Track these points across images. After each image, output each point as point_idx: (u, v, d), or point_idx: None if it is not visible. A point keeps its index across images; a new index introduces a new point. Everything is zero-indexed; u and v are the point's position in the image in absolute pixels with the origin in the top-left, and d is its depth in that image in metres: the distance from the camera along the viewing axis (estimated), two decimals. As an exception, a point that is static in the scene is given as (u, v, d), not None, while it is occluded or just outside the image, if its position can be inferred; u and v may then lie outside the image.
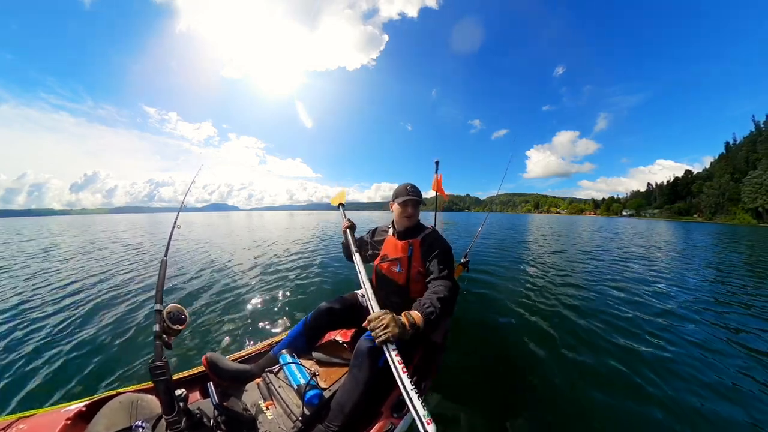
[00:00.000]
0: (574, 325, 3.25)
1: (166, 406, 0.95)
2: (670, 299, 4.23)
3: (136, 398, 1.19)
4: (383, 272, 1.90)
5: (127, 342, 2.79)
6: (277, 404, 1.38)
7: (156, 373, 0.97)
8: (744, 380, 2.27)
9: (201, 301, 3.89)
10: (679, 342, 2.88)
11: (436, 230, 1.91)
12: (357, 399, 1.31)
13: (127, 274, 5.52)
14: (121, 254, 7.94)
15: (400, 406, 1.39)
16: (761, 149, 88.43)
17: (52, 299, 4.07)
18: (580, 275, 5.67)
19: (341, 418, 1.27)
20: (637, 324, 3.30)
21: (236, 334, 2.93)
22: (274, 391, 1.42)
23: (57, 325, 3.17)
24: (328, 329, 1.84)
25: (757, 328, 3.24)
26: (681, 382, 2.25)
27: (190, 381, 1.54)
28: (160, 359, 1.00)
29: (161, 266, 1.31)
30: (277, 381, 1.47)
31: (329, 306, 1.79)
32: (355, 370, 1.38)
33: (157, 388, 0.97)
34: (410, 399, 1.02)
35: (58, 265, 6.55)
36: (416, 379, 1.54)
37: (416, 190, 1.81)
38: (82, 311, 3.58)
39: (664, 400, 2.03)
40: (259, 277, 5.12)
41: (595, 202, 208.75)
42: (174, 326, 1.12)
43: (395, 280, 1.84)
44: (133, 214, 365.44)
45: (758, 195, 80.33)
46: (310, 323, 1.75)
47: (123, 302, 3.87)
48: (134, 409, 1.15)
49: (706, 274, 6.10)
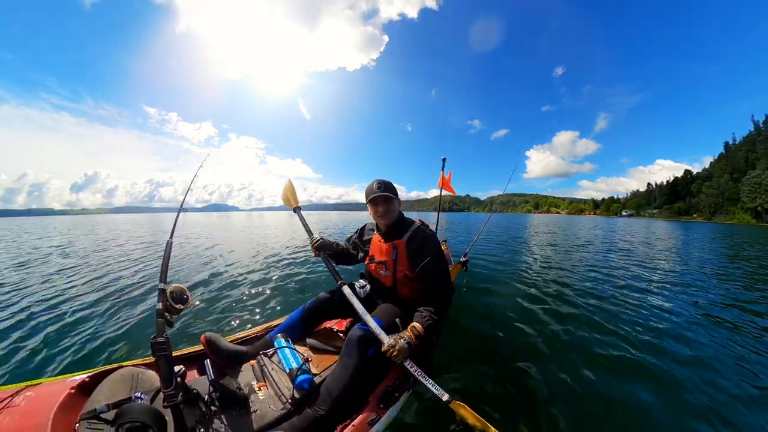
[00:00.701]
0: (569, 322, 3.25)
1: (165, 380, 1.00)
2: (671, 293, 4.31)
3: (137, 372, 1.26)
4: (371, 273, 1.93)
5: (133, 320, 2.95)
6: (269, 386, 1.43)
7: (157, 348, 1.02)
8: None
9: (203, 285, 4.08)
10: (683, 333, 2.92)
11: (423, 225, 1.78)
12: (345, 385, 1.35)
13: (135, 266, 5.72)
14: (132, 249, 8.11)
15: (386, 398, 1.44)
16: (760, 149, 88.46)
17: (76, 287, 4.33)
18: (577, 273, 5.71)
19: (328, 402, 1.31)
20: (628, 314, 3.36)
21: (234, 317, 3.04)
22: (267, 374, 1.48)
23: (73, 306, 3.42)
24: (325, 318, 1.86)
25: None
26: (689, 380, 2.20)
27: (189, 358, 1.61)
28: (161, 335, 1.05)
29: (166, 247, 1.35)
30: (271, 364, 1.53)
31: (328, 296, 1.83)
32: (345, 358, 1.43)
33: (158, 362, 1.02)
34: (432, 386, 1.29)
35: (81, 260, 6.70)
36: (405, 372, 1.56)
37: (384, 185, 1.65)
38: (95, 295, 3.84)
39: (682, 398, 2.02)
40: (260, 268, 5.30)
41: (594, 202, 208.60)
42: (176, 305, 1.17)
43: (382, 281, 1.85)
44: (133, 214, 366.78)
45: (757, 194, 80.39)
46: (307, 310, 1.79)
47: (134, 287, 4.11)
48: (134, 381, 1.21)
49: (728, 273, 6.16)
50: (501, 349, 2.69)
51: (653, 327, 3.08)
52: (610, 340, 2.78)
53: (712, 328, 3.11)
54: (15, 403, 1.05)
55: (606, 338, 2.83)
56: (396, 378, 1.56)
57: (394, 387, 1.49)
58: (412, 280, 1.71)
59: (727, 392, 2.05)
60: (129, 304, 3.44)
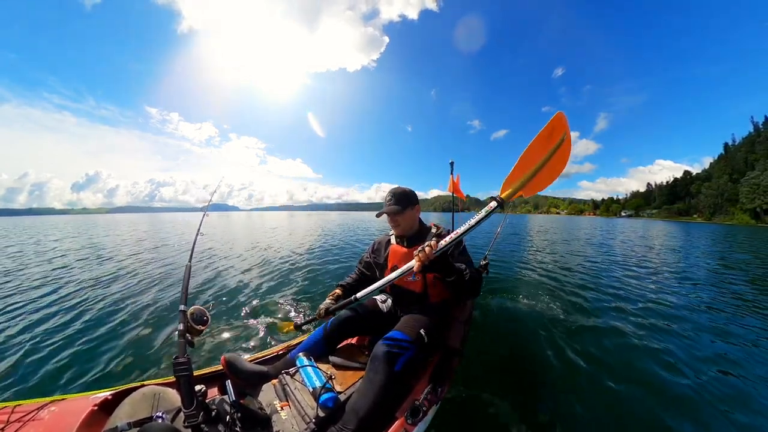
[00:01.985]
0: (588, 324, 3.25)
1: (186, 399, 1.00)
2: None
3: (158, 391, 1.25)
4: (397, 284, 1.83)
5: (155, 340, 2.92)
6: (292, 405, 1.39)
7: (178, 368, 1.02)
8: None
9: (223, 304, 3.95)
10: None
11: (440, 227, 1.84)
12: (372, 403, 1.30)
13: (157, 276, 5.56)
14: (151, 252, 7.99)
15: (415, 412, 1.39)
16: (759, 150, 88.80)
17: (94, 295, 4.28)
18: (589, 275, 5.69)
19: (355, 421, 1.26)
20: (641, 314, 3.33)
21: (254, 336, 2.96)
22: (290, 392, 1.43)
23: (96, 320, 3.38)
24: (348, 336, 1.80)
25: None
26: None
27: (210, 378, 1.57)
28: (183, 356, 1.06)
29: (186, 271, 1.39)
30: (293, 383, 1.48)
31: (350, 314, 1.76)
32: (371, 374, 1.38)
33: (179, 382, 1.02)
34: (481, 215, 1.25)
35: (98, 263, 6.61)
36: (432, 385, 1.54)
37: (395, 197, 1.71)
38: (118, 308, 3.77)
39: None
40: (276, 280, 5.14)
41: (594, 202, 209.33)
42: (197, 326, 1.20)
43: (411, 289, 1.79)
44: (134, 213, 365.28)
45: (756, 195, 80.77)
46: (330, 329, 1.72)
47: (155, 303, 4.01)
48: (156, 400, 1.20)
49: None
50: (521, 352, 2.68)
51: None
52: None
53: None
54: (40, 416, 1.09)
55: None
56: (423, 391, 1.51)
57: (421, 401, 1.44)
58: (441, 280, 1.69)
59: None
60: (153, 323, 3.35)
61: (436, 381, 1.58)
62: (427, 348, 1.59)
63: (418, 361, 1.61)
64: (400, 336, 1.49)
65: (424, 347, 1.57)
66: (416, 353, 1.53)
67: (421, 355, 1.61)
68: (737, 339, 3.03)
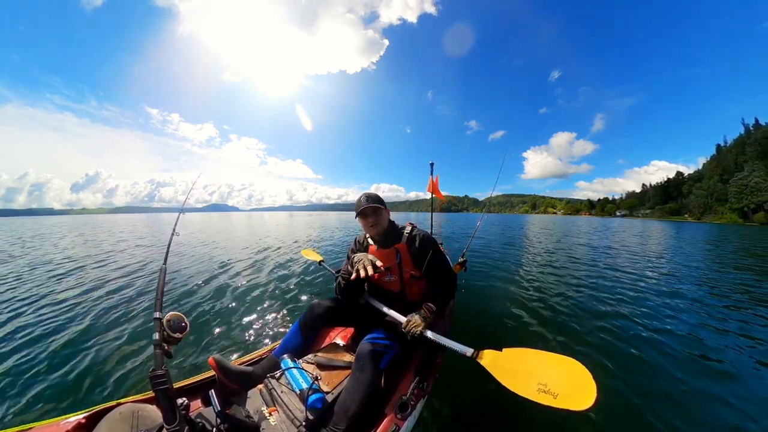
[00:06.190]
0: (566, 319, 3.36)
1: (168, 415, 0.93)
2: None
3: (136, 408, 1.17)
4: (375, 283, 1.90)
5: (127, 351, 2.70)
6: (280, 410, 1.38)
7: (156, 382, 0.95)
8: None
9: (201, 306, 3.81)
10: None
11: (415, 226, 1.85)
12: (360, 401, 1.32)
13: (129, 280, 5.30)
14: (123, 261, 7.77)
15: (404, 407, 1.40)
16: (749, 151, 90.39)
17: (54, 308, 3.97)
18: (571, 270, 5.79)
19: (345, 420, 1.27)
20: (624, 311, 3.41)
21: (237, 339, 2.90)
22: (277, 397, 1.42)
23: (55, 332, 3.09)
24: (324, 326, 1.82)
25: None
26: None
27: (192, 389, 1.53)
28: (160, 368, 0.99)
29: (160, 274, 1.30)
30: (280, 386, 1.47)
31: (321, 303, 1.78)
32: (357, 373, 1.40)
33: (158, 397, 0.95)
34: (456, 346, 1.37)
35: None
36: (418, 379, 1.56)
37: (370, 198, 1.73)
38: (83, 318, 3.47)
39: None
40: (260, 280, 5.08)
41: (590, 202, 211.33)
42: (174, 334, 1.11)
43: (389, 289, 1.83)
44: (133, 214, 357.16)
45: (743, 195, 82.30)
46: (304, 322, 1.75)
47: (125, 310, 3.74)
48: (135, 419, 1.12)
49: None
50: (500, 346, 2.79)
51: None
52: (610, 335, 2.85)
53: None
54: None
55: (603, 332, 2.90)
56: (410, 386, 1.53)
57: (409, 395, 1.47)
58: (418, 279, 1.77)
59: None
60: (128, 333, 3.05)
61: (421, 376, 1.60)
62: (411, 345, 1.62)
63: (403, 358, 1.65)
64: (384, 334, 1.54)
65: (408, 344, 1.60)
66: (400, 350, 1.57)
67: (406, 351, 1.64)
68: (721, 330, 3.11)
